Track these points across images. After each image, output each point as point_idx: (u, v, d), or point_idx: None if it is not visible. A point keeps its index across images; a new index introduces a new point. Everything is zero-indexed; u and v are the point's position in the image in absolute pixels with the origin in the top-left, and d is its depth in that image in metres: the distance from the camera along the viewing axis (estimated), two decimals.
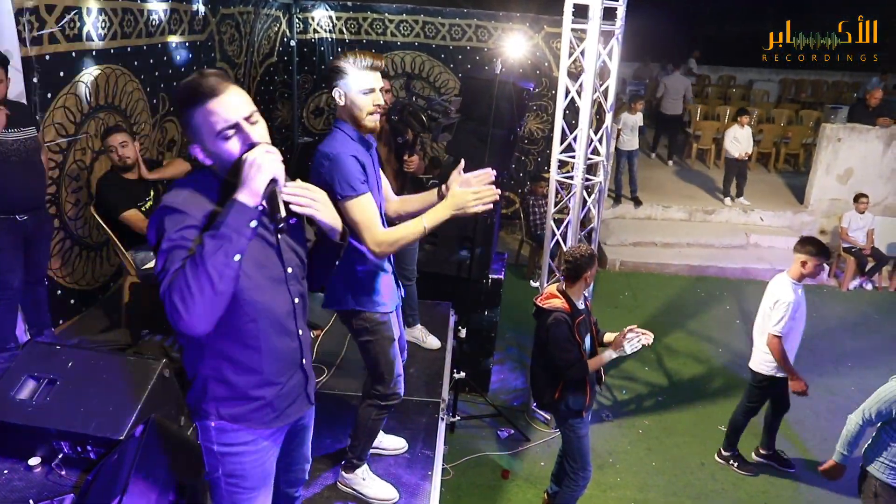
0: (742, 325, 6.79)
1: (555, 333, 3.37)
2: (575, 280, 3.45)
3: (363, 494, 2.84)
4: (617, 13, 4.32)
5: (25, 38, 3.68)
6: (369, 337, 2.58)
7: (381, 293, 2.55)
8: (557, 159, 4.60)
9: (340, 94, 2.34)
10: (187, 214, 1.59)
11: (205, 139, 1.63)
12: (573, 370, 3.38)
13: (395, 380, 2.65)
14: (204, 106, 1.59)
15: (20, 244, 3.48)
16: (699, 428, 5.11)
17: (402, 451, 3.12)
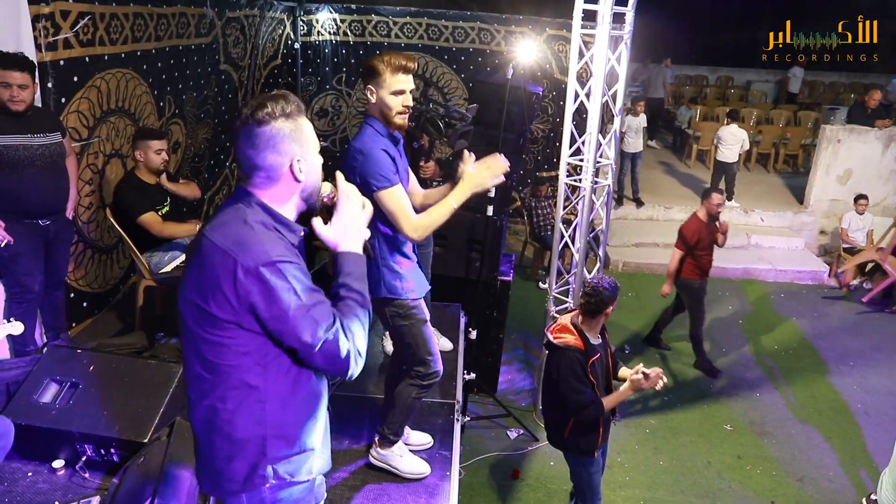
0: (745, 326, 6.86)
1: (566, 375, 3.17)
2: (594, 315, 3.22)
3: (397, 468, 2.93)
4: (626, 18, 4.37)
5: (41, 44, 3.71)
6: (404, 322, 2.67)
7: (410, 280, 2.66)
8: (566, 162, 4.65)
9: (372, 91, 2.47)
10: (293, 262, 1.56)
11: (310, 152, 1.66)
12: (587, 411, 3.18)
13: (434, 358, 2.74)
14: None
15: (41, 248, 3.51)
16: (704, 427, 5.17)
17: (427, 446, 3.18)
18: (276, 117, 1.57)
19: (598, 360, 3.25)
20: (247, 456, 1.63)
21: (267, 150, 1.58)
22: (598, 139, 4.49)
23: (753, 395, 5.61)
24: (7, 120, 3.27)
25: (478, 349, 4.76)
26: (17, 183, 3.31)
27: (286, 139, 1.59)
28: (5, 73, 3.22)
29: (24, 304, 3.49)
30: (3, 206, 3.28)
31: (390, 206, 2.43)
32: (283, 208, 1.65)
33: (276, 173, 1.61)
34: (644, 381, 3.13)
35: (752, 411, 5.38)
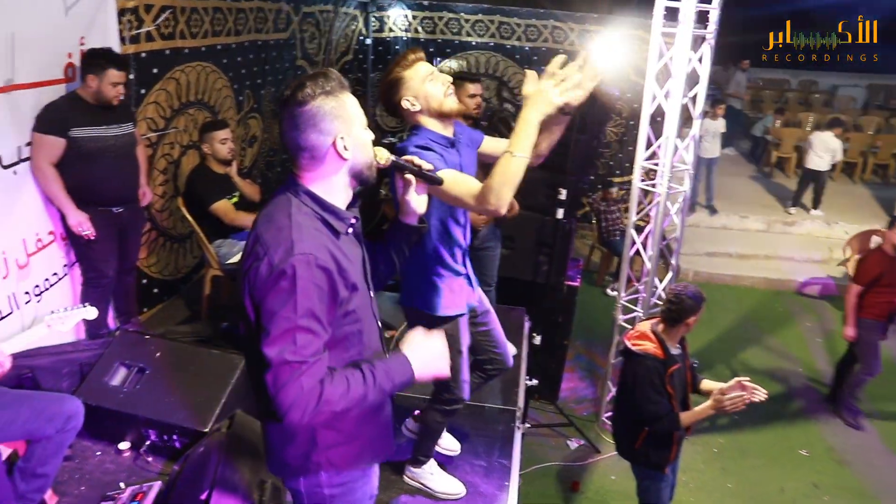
0: (824, 344, 6.47)
1: (642, 383, 3.02)
2: (674, 324, 3.06)
3: (430, 488, 2.84)
4: (710, 17, 4.16)
5: (125, 37, 3.82)
6: None
7: (450, 296, 2.43)
8: (641, 166, 4.47)
9: (409, 99, 2.24)
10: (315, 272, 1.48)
11: (354, 128, 1.60)
12: (661, 423, 3.03)
13: (459, 386, 2.56)
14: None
15: (115, 235, 3.61)
16: (776, 450, 4.89)
17: (455, 453, 3.07)
18: (315, 96, 1.53)
19: (677, 371, 3.08)
20: (299, 444, 1.67)
21: (308, 129, 1.54)
22: (675, 143, 4.29)
23: (833, 418, 5.27)
24: (85, 112, 3.36)
25: (541, 355, 4.64)
26: (92, 173, 3.40)
27: (327, 116, 1.54)
28: (118, 73, 3.36)
29: (98, 288, 3.60)
30: (79, 195, 3.38)
31: (451, 191, 2.08)
32: (332, 192, 1.61)
33: (320, 152, 1.57)
34: (727, 402, 2.88)
35: (832, 437, 5.05)
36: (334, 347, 1.58)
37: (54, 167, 3.31)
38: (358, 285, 1.60)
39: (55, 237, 3.51)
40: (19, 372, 2.88)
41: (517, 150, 1.94)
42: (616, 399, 3.39)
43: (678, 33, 4.12)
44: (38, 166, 3.28)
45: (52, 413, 2.44)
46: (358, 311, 1.62)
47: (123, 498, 2.64)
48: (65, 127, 3.29)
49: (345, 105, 1.57)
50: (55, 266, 3.54)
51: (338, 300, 1.54)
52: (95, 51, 3.38)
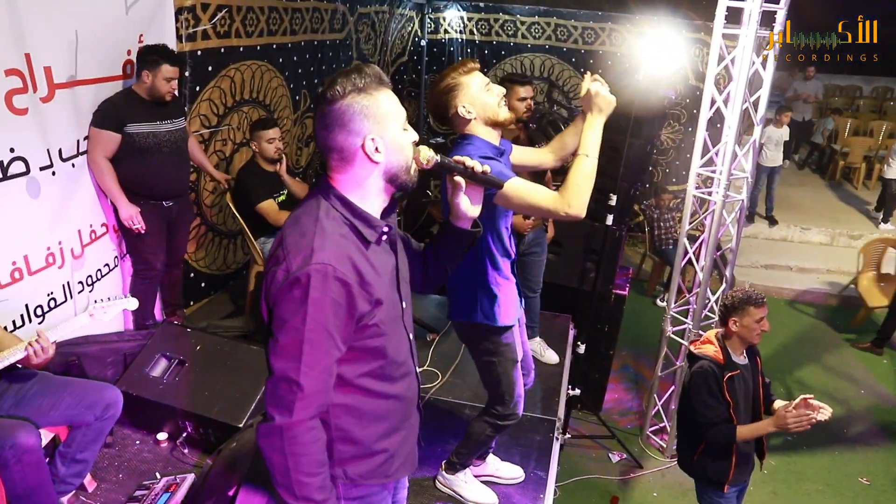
0: (890, 364, 6.12)
1: (696, 385, 2.91)
2: (723, 324, 2.99)
3: (462, 496, 2.79)
4: (776, 17, 3.97)
5: (182, 35, 3.90)
6: (492, 357, 2.46)
7: (506, 304, 2.40)
8: (697, 173, 4.30)
9: (465, 106, 2.23)
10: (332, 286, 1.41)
11: (389, 129, 1.51)
12: (715, 432, 2.88)
13: (514, 401, 2.53)
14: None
15: (164, 228, 3.69)
16: (834, 477, 4.62)
17: (518, 480, 2.97)
18: (345, 94, 1.45)
19: (737, 377, 2.93)
20: None
21: (337, 128, 1.47)
22: (734, 150, 4.12)
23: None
24: (140, 108, 3.44)
25: (585, 364, 4.51)
26: (145, 167, 3.48)
27: (357, 116, 1.46)
28: (170, 68, 3.44)
29: (146, 280, 3.68)
30: (131, 189, 3.47)
31: (520, 198, 2.07)
32: (365, 197, 1.52)
33: (349, 153, 1.48)
34: (790, 418, 2.68)
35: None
36: (353, 361, 1.52)
37: (109, 161, 3.40)
38: (383, 299, 1.51)
39: (108, 229, 3.61)
40: (66, 359, 2.96)
41: (589, 151, 2.06)
42: (678, 408, 3.26)
43: (741, 34, 3.95)
44: (94, 160, 3.38)
45: (92, 401, 2.50)
46: (382, 325, 1.53)
47: (158, 488, 2.68)
48: (121, 122, 3.38)
49: (378, 103, 1.48)
50: (107, 257, 3.64)
51: (356, 315, 1.45)
52: (150, 47, 3.46)
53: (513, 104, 3.62)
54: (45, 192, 3.09)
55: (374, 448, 1.62)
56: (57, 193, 3.19)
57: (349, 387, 1.55)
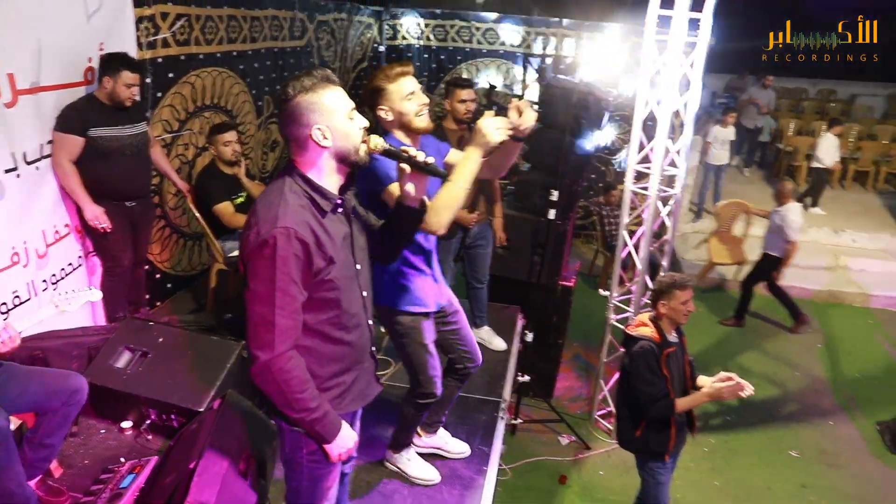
0: (824, 351, 6.51)
1: (638, 363, 3.15)
2: (653, 307, 3.28)
3: (406, 473, 3.01)
4: (701, 24, 4.28)
5: (142, 43, 4.05)
6: (401, 339, 2.67)
7: (415, 293, 2.60)
8: (634, 170, 4.60)
9: (385, 110, 2.45)
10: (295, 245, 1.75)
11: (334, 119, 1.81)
12: (657, 407, 3.12)
13: (429, 381, 2.71)
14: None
15: (129, 227, 3.83)
16: (768, 452, 4.96)
17: (464, 455, 3.18)
18: (295, 94, 1.77)
19: (672, 355, 3.21)
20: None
21: (290, 123, 1.81)
22: (666, 147, 4.41)
23: (826, 422, 5.33)
24: (101, 113, 3.57)
25: (535, 353, 4.76)
26: (108, 170, 3.61)
27: (305, 111, 1.78)
28: (131, 74, 3.57)
29: (115, 277, 3.82)
30: (95, 190, 3.59)
31: (390, 202, 2.29)
32: (321, 175, 1.85)
33: (302, 141, 1.82)
34: (725, 389, 3.00)
35: (824, 440, 5.11)
36: (312, 310, 1.84)
37: (73, 164, 3.52)
38: (336, 260, 1.84)
39: (70, 229, 3.74)
40: (31, 353, 3.09)
41: (458, 180, 2.18)
42: (618, 390, 3.49)
43: (670, 40, 4.25)
44: (59, 163, 3.49)
45: (58, 387, 2.64)
46: (337, 280, 1.86)
47: (122, 470, 2.83)
48: (84, 126, 3.50)
49: (322, 99, 1.79)
50: (71, 256, 3.77)
51: (312, 269, 1.79)
52: (111, 54, 3.60)
53: (455, 106, 3.87)
54: (9, 194, 3.22)
55: (329, 384, 1.95)
56: (21, 195, 3.32)
57: (311, 332, 1.87)
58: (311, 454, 1.98)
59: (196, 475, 2.33)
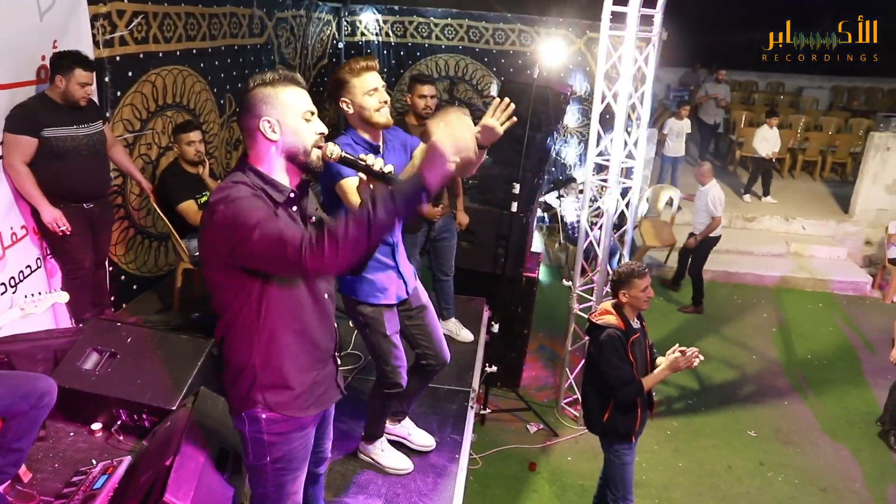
0: (778, 334, 6.77)
1: (607, 350, 3.25)
2: (614, 296, 3.38)
3: (380, 463, 3.05)
4: (654, 20, 4.42)
5: (99, 41, 4.00)
6: (364, 329, 2.73)
7: (376, 285, 2.66)
8: (593, 162, 4.72)
9: (347, 102, 2.49)
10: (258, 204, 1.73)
11: (287, 116, 1.80)
12: (626, 390, 3.23)
13: (393, 370, 2.77)
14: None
15: (88, 228, 3.77)
16: (728, 432, 5.15)
17: (429, 448, 3.22)
18: (253, 86, 1.80)
19: (637, 341, 3.33)
20: (243, 380, 1.90)
21: (245, 113, 1.83)
22: (623, 139, 4.55)
23: (781, 402, 5.56)
24: (56, 113, 3.48)
25: (502, 344, 4.86)
26: (64, 170, 3.52)
27: (258, 102, 1.79)
28: (84, 73, 3.48)
29: (77, 279, 3.75)
30: (51, 192, 3.50)
31: (343, 196, 2.42)
32: (272, 171, 1.83)
33: (252, 132, 1.82)
34: (681, 359, 3.18)
35: (779, 419, 5.33)
36: (276, 307, 1.84)
37: (27, 165, 3.42)
38: None
39: (28, 231, 3.66)
40: None
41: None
42: (584, 377, 3.59)
43: (625, 36, 4.38)
44: (12, 165, 3.38)
45: (27, 390, 2.61)
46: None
47: (95, 472, 2.81)
48: (37, 127, 3.40)
49: (278, 93, 1.80)
50: (29, 258, 3.70)
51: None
52: (63, 52, 3.50)
53: (415, 101, 3.93)
54: None
55: (291, 382, 1.92)
56: None
57: (277, 328, 1.86)
58: (274, 462, 1.97)
59: (172, 471, 2.34)
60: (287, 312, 1.87)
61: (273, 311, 1.84)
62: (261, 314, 1.83)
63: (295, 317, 1.89)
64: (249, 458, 2.00)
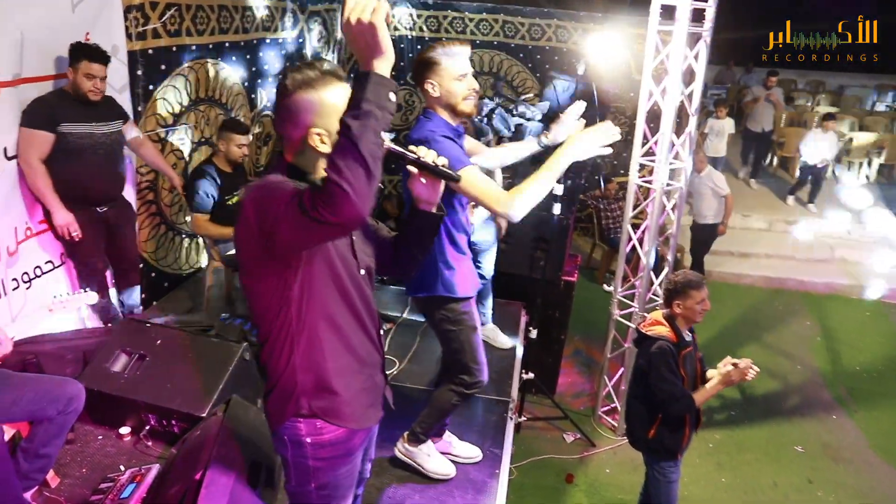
0: (823, 344, 6.49)
1: (657, 364, 3.06)
2: (667, 306, 3.20)
3: (423, 467, 2.89)
4: (706, 15, 4.21)
5: (132, 34, 3.91)
6: (452, 326, 2.58)
7: (464, 277, 2.54)
8: (638, 163, 4.52)
9: (434, 85, 2.36)
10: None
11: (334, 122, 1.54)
12: (677, 405, 3.06)
13: (479, 368, 2.65)
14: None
15: (102, 233, 3.64)
16: (772, 446, 4.92)
17: (476, 459, 3.08)
18: (294, 89, 1.60)
19: (688, 355, 3.15)
20: (284, 386, 1.73)
21: (287, 121, 1.64)
22: (671, 140, 4.34)
23: (828, 416, 5.31)
24: (74, 108, 3.36)
25: (538, 349, 4.69)
26: (78, 171, 3.40)
27: (303, 111, 1.61)
28: (92, 65, 3.33)
29: (93, 279, 3.64)
30: (64, 193, 3.37)
31: (473, 189, 2.23)
32: (314, 171, 1.67)
33: (297, 143, 1.65)
34: (734, 372, 2.99)
35: (827, 434, 5.08)
36: (318, 297, 1.67)
37: (43, 163, 3.30)
38: (334, 247, 1.67)
39: (49, 226, 3.53)
40: (24, 357, 2.96)
41: (553, 168, 2.19)
42: (630, 389, 3.42)
43: (674, 31, 4.17)
44: (28, 162, 3.25)
45: (54, 395, 2.53)
46: (336, 266, 1.69)
47: (123, 479, 2.72)
48: (54, 121, 3.28)
49: (323, 98, 1.60)
50: (51, 254, 3.61)
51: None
52: (75, 44, 3.36)
53: None
54: None
55: (338, 387, 1.74)
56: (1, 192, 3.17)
57: (323, 317, 1.70)
58: (320, 488, 1.81)
59: (203, 487, 2.23)
60: (333, 303, 1.71)
61: (313, 305, 1.67)
62: (301, 311, 1.67)
63: (341, 308, 1.73)
64: (292, 483, 1.83)
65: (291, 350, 1.71)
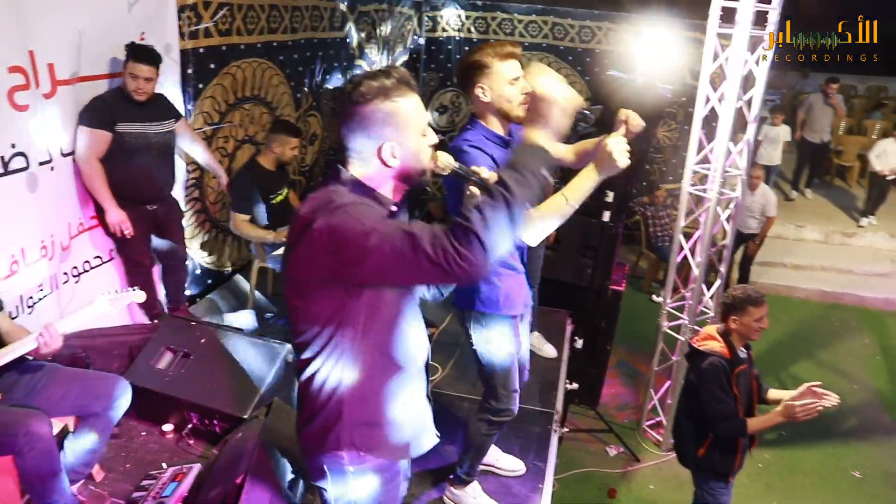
0: (882, 363, 6.20)
1: (708, 380, 2.94)
2: (722, 321, 3.06)
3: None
4: (769, 17, 4.04)
5: (185, 33, 3.94)
6: (486, 346, 2.43)
7: (510, 295, 2.39)
8: (692, 170, 4.37)
9: (484, 89, 2.22)
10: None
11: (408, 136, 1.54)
12: (727, 425, 2.92)
13: (509, 395, 2.50)
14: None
15: (150, 229, 3.69)
16: (827, 470, 4.70)
17: (519, 472, 2.99)
18: (370, 98, 1.50)
19: (742, 373, 3.00)
20: (327, 417, 1.62)
21: (358, 132, 1.53)
22: (728, 147, 4.18)
23: (889, 441, 5.04)
24: (129, 108, 3.40)
25: (582, 359, 4.57)
26: (133, 169, 3.44)
27: (378, 122, 1.51)
28: (135, 65, 3.35)
29: (139, 275, 3.70)
30: (118, 192, 3.41)
31: None
32: (378, 186, 1.58)
33: (367, 156, 1.55)
34: (798, 409, 2.70)
35: (889, 461, 4.81)
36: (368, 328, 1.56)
37: (100, 162, 3.34)
38: None
39: (99, 221, 3.58)
40: (73, 351, 3.00)
41: (572, 198, 2.02)
42: (679, 404, 3.28)
43: (735, 34, 4.02)
44: (87, 160, 3.30)
45: (101, 391, 2.54)
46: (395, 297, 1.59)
47: (165, 477, 2.72)
48: (111, 121, 3.33)
49: (400, 109, 1.52)
50: (101, 249, 3.66)
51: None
52: (128, 44, 3.39)
53: None
54: (42, 186, 3.10)
55: (384, 418, 1.64)
56: (54, 188, 3.21)
57: (377, 343, 1.59)
58: None
59: (244, 492, 2.20)
60: (389, 334, 1.60)
61: (374, 333, 1.56)
62: (358, 339, 1.55)
63: (395, 340, 1.62)
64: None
65: (340, 379, 1.59)
